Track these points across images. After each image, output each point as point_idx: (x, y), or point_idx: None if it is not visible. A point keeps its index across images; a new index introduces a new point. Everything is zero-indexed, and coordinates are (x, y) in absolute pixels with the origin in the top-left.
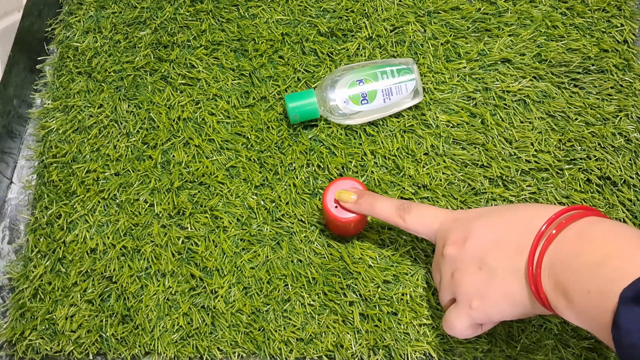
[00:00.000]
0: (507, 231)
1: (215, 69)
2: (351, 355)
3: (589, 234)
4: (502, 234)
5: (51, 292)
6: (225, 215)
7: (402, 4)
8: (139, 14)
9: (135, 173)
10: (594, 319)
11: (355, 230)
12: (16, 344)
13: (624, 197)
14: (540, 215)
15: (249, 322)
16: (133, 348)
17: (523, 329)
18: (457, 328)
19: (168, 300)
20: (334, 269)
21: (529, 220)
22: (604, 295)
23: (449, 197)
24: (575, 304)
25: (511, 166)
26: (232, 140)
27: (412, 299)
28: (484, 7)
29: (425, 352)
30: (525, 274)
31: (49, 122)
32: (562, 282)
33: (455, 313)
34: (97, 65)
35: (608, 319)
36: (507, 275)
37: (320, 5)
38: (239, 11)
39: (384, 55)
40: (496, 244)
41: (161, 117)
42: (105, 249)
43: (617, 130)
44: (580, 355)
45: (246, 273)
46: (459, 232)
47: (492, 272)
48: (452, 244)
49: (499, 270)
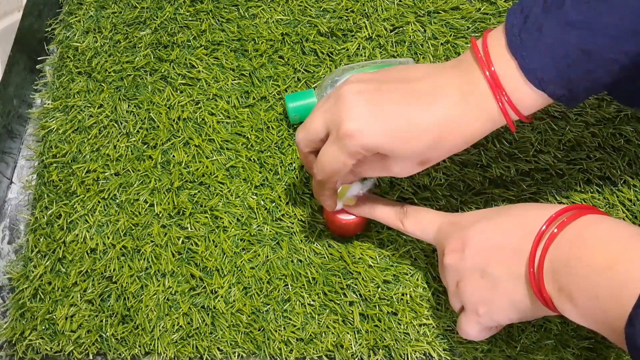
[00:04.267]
0: (505, 235)
1: (215, 69)
2: (351, 355)
3: (589, 235)
4: (500, 238)
5: (51, 292)
6: (225, 215)
7: (402, 4)
8: (139, 14)
9: (135, 173)
10: (603, 321)
11: (356, 231)
12: (16, 344)
13: (624, 197)
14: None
15: (249, 322)
16: (133, 348)
17: (523, 329)
18: (471, 334)
19: (168, 300)
20: (334, 269)
21: (525, 223)
22: (615, 300)
23: (449, 197)
24: (582, 308)
25: (511, 166)
26: (232, 140)
27: (412, 299)
28: (484, 7)
29: (425, 352)
30: (527, 277)
31: (49, 122)
32: (566, 287)
33: (465, 320)
34: (97, 65)
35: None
36: (510, 282)
37: (320, 5)
38: (239, 11)
39: (384, 55)
40: (495, 250)
41: (161, 117)
42: (105, 249)
43: (617, 131)
44: (580, 355)
45: (246, 273)
46: (456, 239)
47: (495, 279)
48: (451, 253)
49: (501, 277)
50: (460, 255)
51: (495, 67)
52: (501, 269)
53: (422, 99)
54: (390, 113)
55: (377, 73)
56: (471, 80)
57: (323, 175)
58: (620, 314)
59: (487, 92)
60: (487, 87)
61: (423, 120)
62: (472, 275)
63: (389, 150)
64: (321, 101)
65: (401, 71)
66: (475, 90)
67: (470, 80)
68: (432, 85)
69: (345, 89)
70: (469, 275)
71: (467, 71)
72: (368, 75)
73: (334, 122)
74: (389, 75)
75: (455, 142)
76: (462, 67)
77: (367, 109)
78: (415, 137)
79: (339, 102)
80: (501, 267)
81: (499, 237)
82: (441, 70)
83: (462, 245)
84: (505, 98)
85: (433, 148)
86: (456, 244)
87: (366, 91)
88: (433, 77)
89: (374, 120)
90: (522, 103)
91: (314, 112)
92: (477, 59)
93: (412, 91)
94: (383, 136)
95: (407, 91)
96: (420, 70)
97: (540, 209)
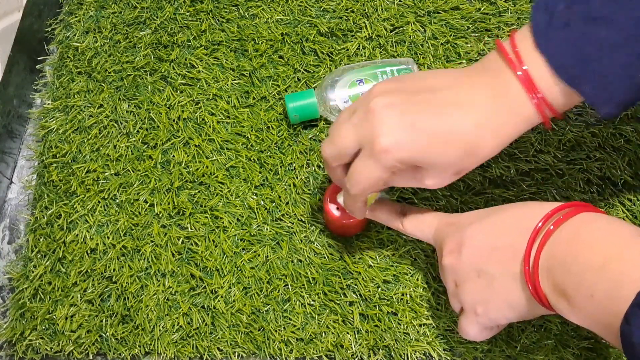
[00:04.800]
0: (501, 235)
1: (215, 69)
2: (351, 355)
3: (586, 233)
4: (496, 237)
5: (51, 292)
6: (225, 215)
7: (402, 4)
8: (139, 14)
9: (135, 173)
10: (599, 321)
11: (356, 231)
12: (16, 344)
13: (624, 197)
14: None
15: (249, 322)
16: (133, 348)
17: (523, 329)
18: (471, 334)
19: (168, 300)
20: (334, 269)
21: (521, 220)
22: (610, 298)
23: (449, 197)
24: (577, 306)
25: (511, 166)
26: (232, 140)
27: (412, 299)
28: (484, 7)
29: (425, 352)
30: (523, 276)
31: (49, 122)
32: (561, 285)
33: (465, 321)
34: (97, 65)
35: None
36: (506, 281)
37: (320, 5)
38: (239, 11)
39: (384, 55)
40: (491, 249)
41: (161, 117)
42: (105, 249)
43: (617, 131)
44: (580, 355)
45: (246, 273)
46: (453, 240)
47: (491, 278)
48: (449, 254)
49: (498, 277)
50: (457, 256)
51: (527, 66)
52: (497, 268)
53: (453, 108)
54: (423, 125)
55: (402, 82)
56: (501, 82)
57: (358, 190)
58: (616, 312)
59: (520, 93)
60: (519, 87)
61: (457, 129)
62: (469, 275)
63: (427, 163)
64: (344, 114)
65: (426, 79)
66: (507, 92)
67: (501, 82)
68: (461, 92)
69: (375, 103)
70: (466, 276)
71: (496, 74)
72: (393, 85)
73: (367, 137)
74: (415, 84)
75: (491, 147)
76: (490, 70)
77: (400, 122)
78: (451, 147)
79: (370, 117)
80: (497, 266)
81: (495, 236)
82: (468, 75)
83: (459, 245)
84: (541, 96)
85: (469, 156)
86: (453, 245)
87: (396, 104)
88: (461, 84)
89: (409, 133)
90: (557, 100)
91: (340, 127)
92: (506, 60)
93: (442, 101)
94: (419, 149)
95: (438, 101)
96: (447, 78)
97: (537, 206)
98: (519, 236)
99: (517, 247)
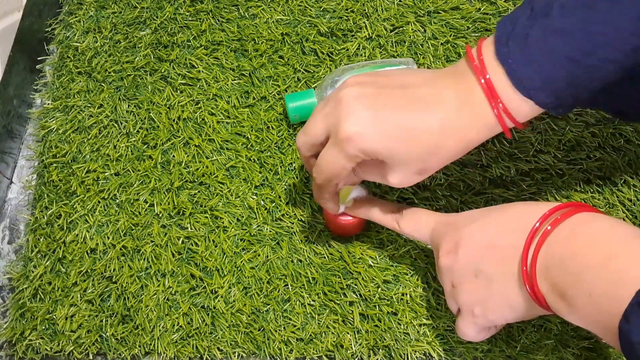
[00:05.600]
0: (498, 234)
1: (215, 69)
2: (351, 355)
3: (584, 233)
4: (493, 237)
5: (51, 292)
6: (225, 215)
7: (402, 4)
8: (139, 14)
9: (135, 173)
10: (597, 320)
11: (356, 231)
12: (16, 344)
13: (624, 197)
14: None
15: (249, 322)
16: (133, 348)
17: (523, 329)
18: (468, 335)
19: (168, 300)
20: (334, 269)
21: (519, 220)
22: (609, 299)
23: (449, 197)
24: (576, 306)
25: (511, 166)
26: (232, 140)
27: (412, 299)
28: (484, 7)
29: (425, 352)
30: (520, 276)
31: (49, 122)
32: (559, 285)
33: (462, 321)
34: (97, 65)
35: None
36: (504, 281)
37: (320, 5)
38: (239, 11)
39: (384, 55)
40: (489, 249)
41: (161, 117)
42: (105, 249)
43: (617, 131)
44: (580, 355)
45: (246, 273)
46: (450, 240)
47: (489, 279)
48: (446, 254)
49: (495, 277)
50: (454, 256)
51: (490, 75)
52: (495, 268)
53: (421, 105)
54: (389, 118)
55: (376, 76)
56: (468, 87)
57: (322, 179)
58: (615, 311)
59: (483, 100)
60: (482, 94)
61: (422, 126)
62: (466, 275)
63: (388, 155)
64: (320, 104)
65: (400, 76)
66: (472, 97)
67: (467, 87)
68: (430, 92)
69: (345, 93)
70: (463, 276)
71: (463, 79)
72: (366, 78)
73: (334, 125)
74: (388, 79)
75: (453, 149)
76: (458, 75)
77: (366, 113)
78: (413, 143)
79: (339, 106)
80: (495, 266)
81: (493, 236)
82: (439, 77)
83: (456, 245)
84: (501, 106)
85: (432, 154)
86: (450, 245)
87: (366, 95)
88: (432, 84)
89: (374, 124)
90: (517, 111)
91: (313, 116)
92: (472, 66)
93: (411, 97)
94: (382, 140)
95: (406, 97)
96: (419, 77)
97: (534, 206)
98: (517, 235)
99: (515, 246)
